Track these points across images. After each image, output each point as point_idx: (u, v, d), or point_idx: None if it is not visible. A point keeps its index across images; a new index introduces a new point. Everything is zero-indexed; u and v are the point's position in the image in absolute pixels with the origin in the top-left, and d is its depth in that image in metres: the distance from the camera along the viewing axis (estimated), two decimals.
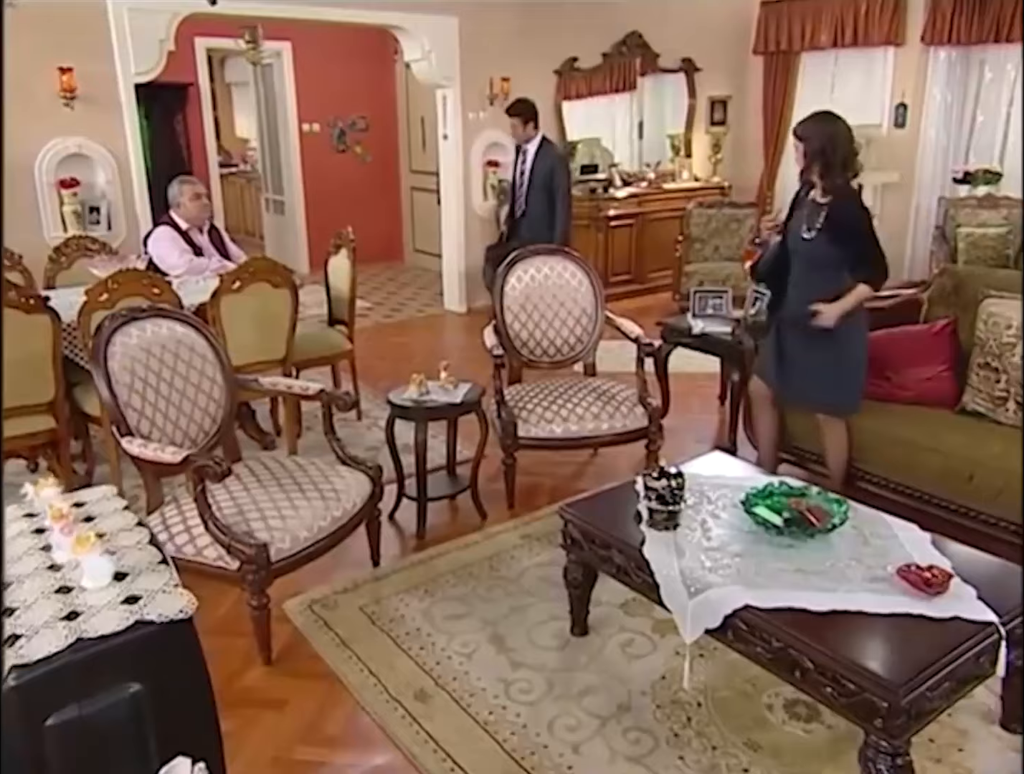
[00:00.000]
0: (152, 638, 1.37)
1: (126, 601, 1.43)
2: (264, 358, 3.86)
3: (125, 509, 1.76)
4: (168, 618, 1.42)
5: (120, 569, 1.52)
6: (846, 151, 2.99)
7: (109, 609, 1.41)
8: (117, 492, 1.84)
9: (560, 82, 7.19)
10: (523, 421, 3.43)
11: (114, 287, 3.36)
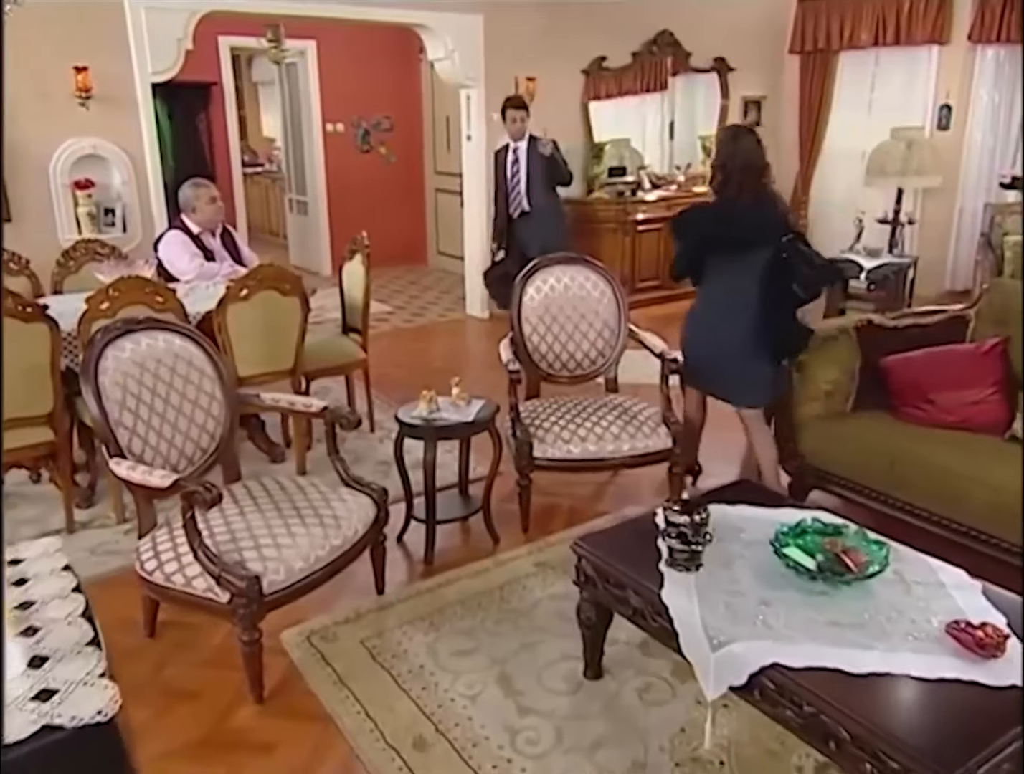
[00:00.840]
0: (63, 746, 1.16)
1: (37, 697, 1.24)
2: (272, 368, 3.72)
3: (65, 570, 1.59)
4: (82, 722, 1.20)
5: (39, 652, 1.33)
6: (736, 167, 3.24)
7: (15, 709, 1.21)
8: (58, 548, 1.67)
9: (588, 82, 6.99)
10: (539, 440, 3.25)
11: (115, 295, 3.24)
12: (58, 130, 4.98)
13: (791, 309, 3.35)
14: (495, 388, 5.08)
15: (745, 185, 3.23)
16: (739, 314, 3.29)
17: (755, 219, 3.26)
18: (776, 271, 3.25)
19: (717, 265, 3.37)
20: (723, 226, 3.28)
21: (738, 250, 3.29)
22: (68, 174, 5.05)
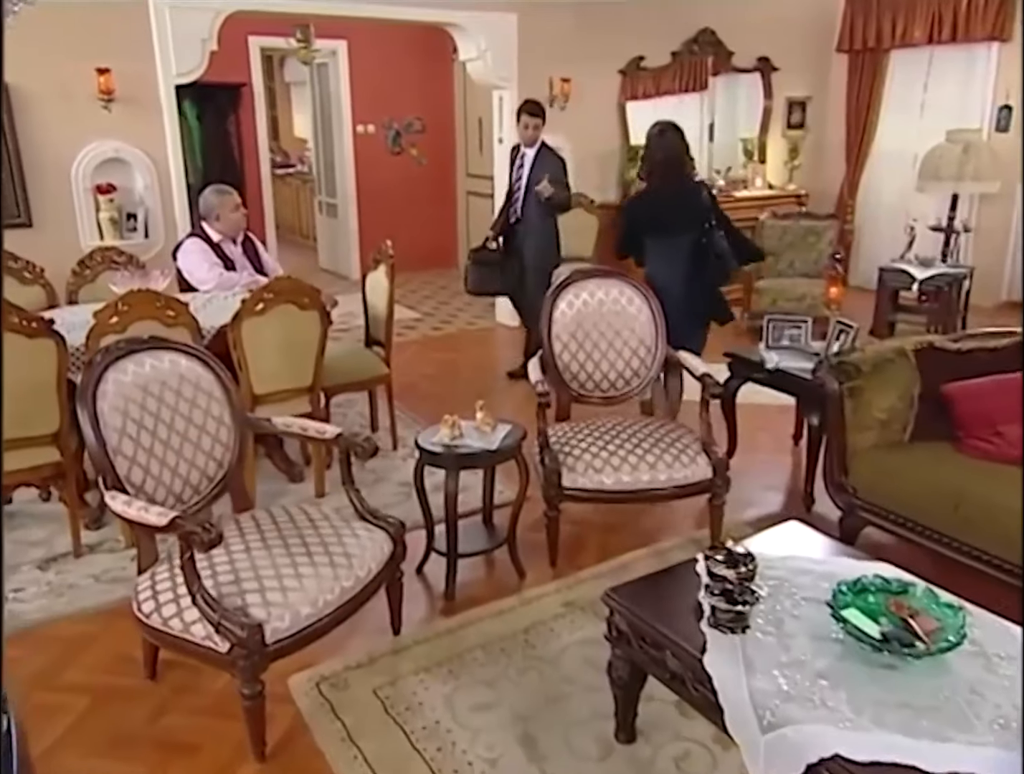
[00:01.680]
0: None
1: None
2: (290, 386, 3.54)
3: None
4: None
5: None
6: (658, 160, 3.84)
7: None
8: None
9: (624, 82, 6.74)
10: (568, 469, 3.03)
11: (125, 309, 3.08)
12: (80, 133, 4.87)
13: (711, 284, 3.92)
14: (524, 403, 4.88)
15: (668, 175, 3.81)
16: (670, 289, 3.71)
17: (678, 207, 3.82)
18: (699, 252, 3.83)
19: (652, 245, 3.95)
20: (652, 213, 3.85)
21: (666, 233, 3.84)
22: (90, 178, 4.94)
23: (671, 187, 3.80)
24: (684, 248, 3.81)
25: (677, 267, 3.82)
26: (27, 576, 3.08)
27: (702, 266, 3.83)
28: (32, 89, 4.68)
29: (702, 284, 3.87)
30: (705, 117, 7.69)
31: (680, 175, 3.82)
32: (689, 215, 3.81)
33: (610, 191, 6.85)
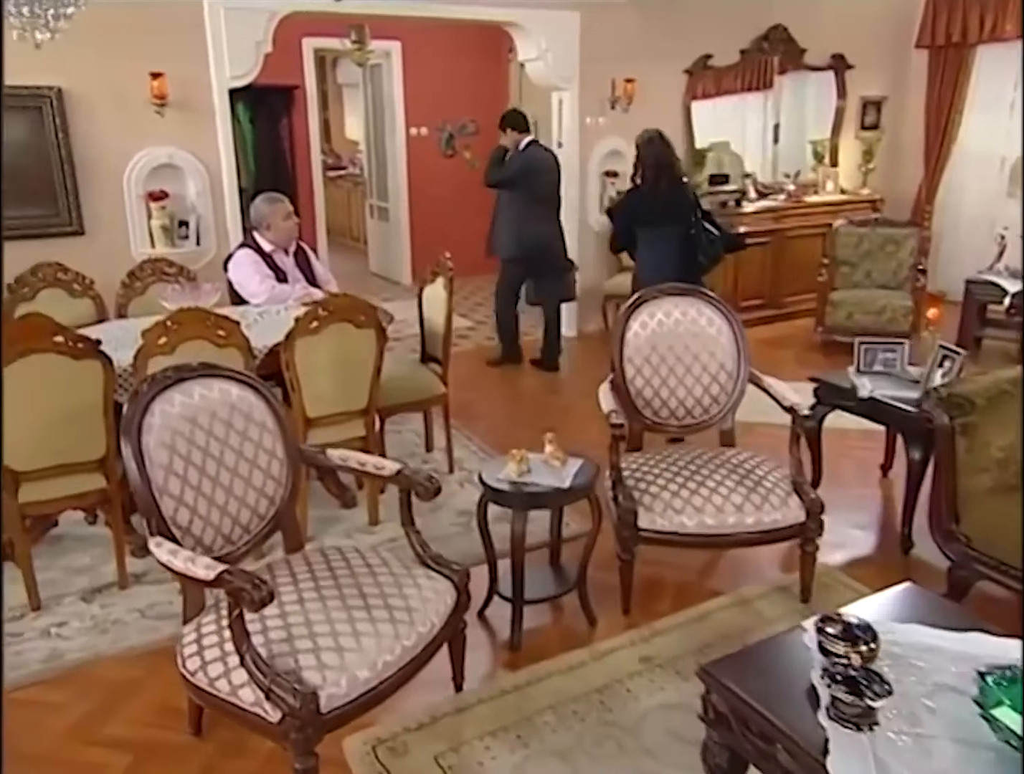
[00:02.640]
0: None
1: None
2: (344, 408, 3.34)
3: None
4: None
5: None
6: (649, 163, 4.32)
7: None
8: None
9: (690, 82, 6.43)
10: (645, 508, 2.77)
11: (174, 329, 2.91)
12: (133, 138, 4.75)
13: (698, 271, 4.27)
14: (587, 424, 4.64)
15: (658, 176, 4.30)
16: (662, 274, 3.92)
17: (669, 203, 4.31)
18: (686, 242, 4.29)
19: (645, 238, 4.38)
20: (646, 208, 4.33)
21: (657, 225, 4.31)
22: (143, 185, 4.82)
23: (660, 186, 4.32)
24: (673, 238, 4.30)
25: (667, 255, 4.28)
26: (71, 608, 2.93)
27: (690, 254, 4.31)
28: (85, 94, 4.57)
29: (689, 271, 4.21)
30: (769, 118, 7.34)
31: (669, 176, 4.34)
32: (677, 209, 4.33)
33: None
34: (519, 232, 5.37)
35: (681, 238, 4.29)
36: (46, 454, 2.83)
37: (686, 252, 4.29)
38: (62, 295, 3.75)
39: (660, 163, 4.31)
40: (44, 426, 2.79)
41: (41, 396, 2.77)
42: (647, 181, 4.33)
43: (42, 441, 2.81)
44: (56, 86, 4.47)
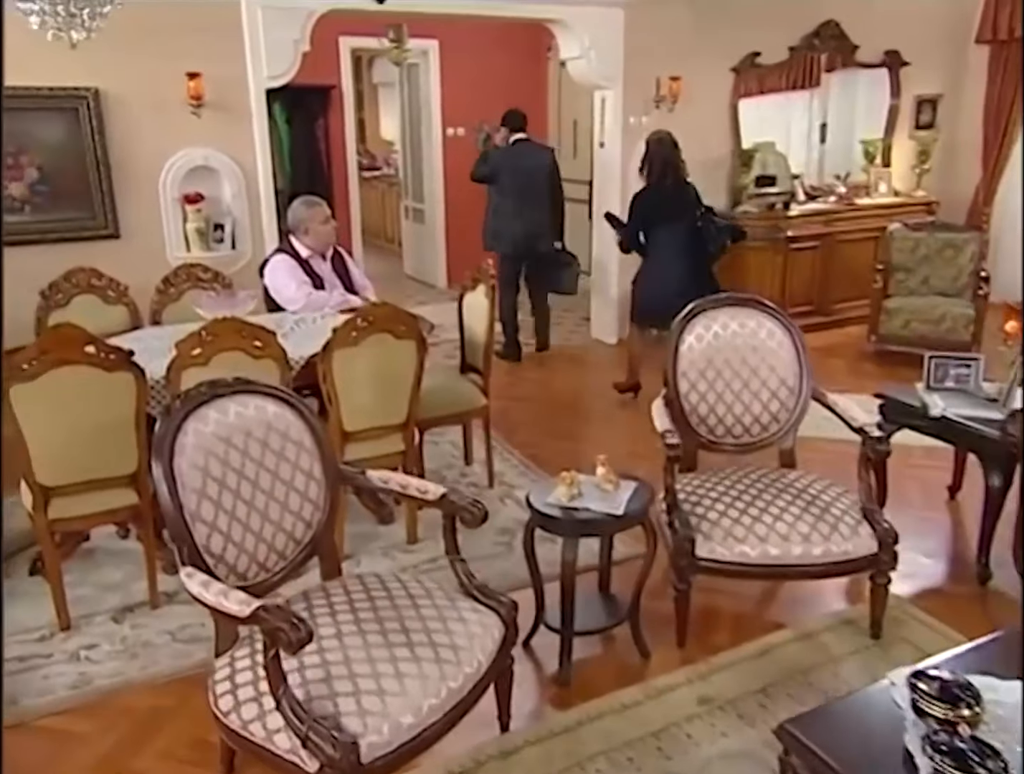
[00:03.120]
0: None
1: None
2: (382, 422, 3.20)
3: None
4: None
5: None
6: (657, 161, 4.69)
7: None
8: None
9: (737, 81, 6.22)
10: (704, 536, 2.59)
11: (209, 340, 2.79)
12: (170, 140, 4.68)
13: (706, 261, 4.67)
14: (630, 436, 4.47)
15: (665, 175, 4.67)
16: (673, 267, 4.56)
17: (677, 200, 4.67)
18: (694, 235, 4.61)
19: (655, 235, 4.70)
20: (656, 206, 4.66)
21: (667, 222, 4.64)
22: (178, 187, 4.74)
23: (666, 184, 4.67)
24: (682, 232, 4.62)
25: (677, 249, 4.61)
26: (101, 629, 2.83)
27: (698, 246, 4.62)
28: (122, 95, 4.50)
29: (698, 261, 4.62)
30: (815, 117, 7.10)
31: (674, 175, 4.69)
32: (684, 205, 4.68)
33: (719, 198, 6.32)
34: (499, 226, 5.67)
35: (689, 232, 4.63)
36: (76, 469, 2.73)
37: (695, 243, 4.63)
38: (96, 302, 3.66)
39: (667, 163, 4.67)
40: (75, 440, 2.69)
41: (72, 409, 2.67)
42: (654, 179, 4.70)
43: (72, 455, 2.71)
44: (93, 87, 4.40)
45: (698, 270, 4.62)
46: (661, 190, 4.66)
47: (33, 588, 3.05)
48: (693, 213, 4.66)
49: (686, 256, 4.59)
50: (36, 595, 2.98)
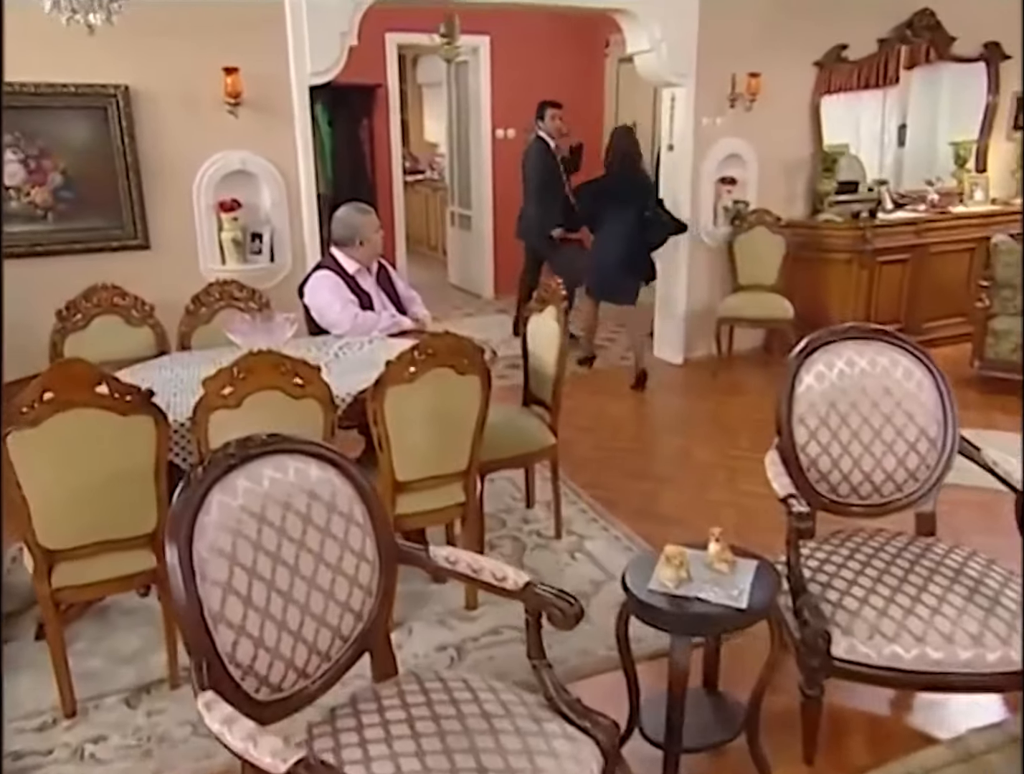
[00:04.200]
0: None
1: None
2: (440, 471, 2.75)
3: None
4: None
5: None
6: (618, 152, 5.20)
7: None
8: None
9: (820, 77, 5.68)
10: (842, 630, 2.09)
11: (241, 378, 2.36)
12: (205, 142, 4.29)
13: (648, 249, 5.15)
14: (709, 476, 4.02)
15: (623, 165, 5.11)
16: (619, 248, 5.05)
17: (629, 189, 5.06)
18: (640, 223, 5.01)
19: (605, 216, 5.12)
20: (609, 191, 5.07)
21: (617, 208, 5.01)
22: (213, 193, 4.35)
23: (625, 172, 5.13)
24: (630, 217, 5.01)
25: (624, 231, 5.03)
26: (112, 716, 2.41)
27: (643, 232, 5.04)
28: (153, 93, 4.12)
29: (641, 246, 5.10)
30: (889, 117, 6.52)
31: (631, 165, 5.17)
32: (636, 193, 5.08)
33: (797, 205, 5.80)
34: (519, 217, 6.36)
35: (636, 219, 5.02)
36: (86, 529, 2.31)
37: (639, 229, 5.04)
38: (118, 323, 3.27)
39: (626, 154, 5.14)
40: (83, 495, 2.28)
41: (80, 459, 2.26)
42: (613, 167, 5.15)
43: (81, 513, 2.30)
44: (122, 84, 4.02)
45: (638, 254, 5.14)
46: (616, 178, 5.12)
47: (39, 656, 2.63)
48: (643, 203, 5.05)
49: (629, 241, 5.03)
50: (41, 666, 2.56)
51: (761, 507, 3.66)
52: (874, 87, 6.27)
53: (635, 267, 5.13)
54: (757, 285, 5.45)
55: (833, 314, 5.58)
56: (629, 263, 5.08)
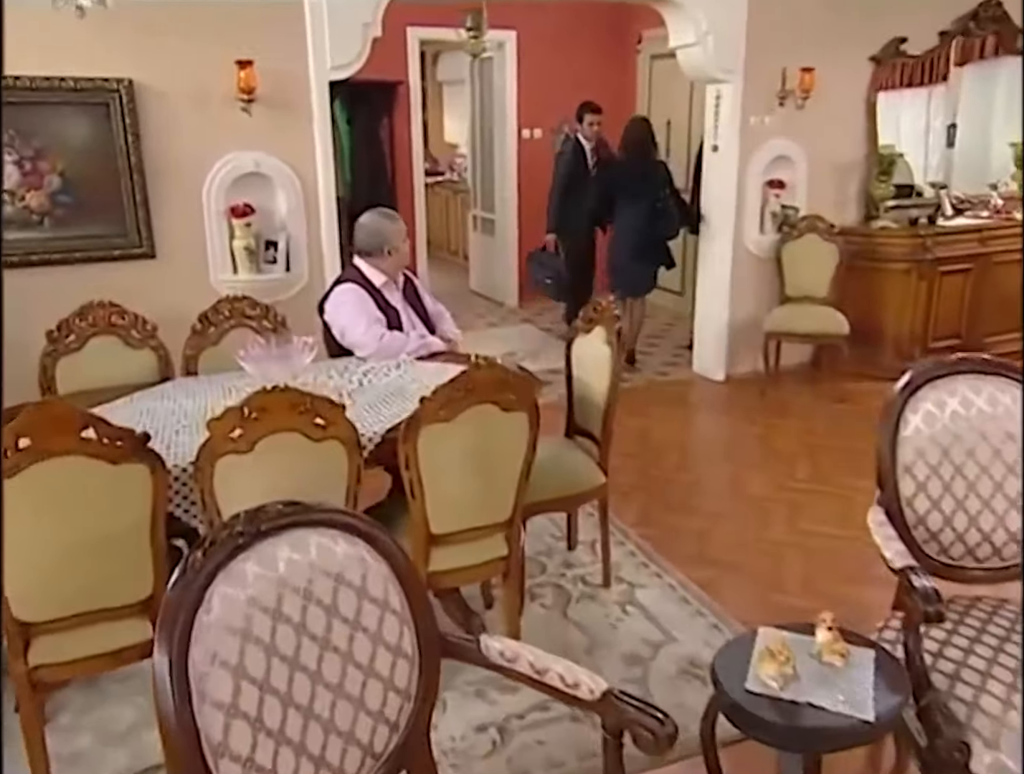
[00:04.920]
0: None
1: None
2: (482, 521, 2.38)
3: None
4: None
5: None
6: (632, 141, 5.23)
7: None
8: None
9: (877, 72, 5.28)
10: (984, 741, 1.70)
11: (253, 418, 2.00)
12: (215, 142, 3.95)
13: (663, 239, 5.23)
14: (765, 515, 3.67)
15: (636, 154, 5.15)
16: (632, 241, 5.15)
17: (643, 176, 5.10)
18: (654, 213, 5.06)
19: (620, 208, 5.21)
20: (624, 178, 5.17)
21: (632, 197, 5.10)
22: (224, 198, 4.00)
23: (639, 162, 5.12)
24: (644, 208, 5.04)
25: (636, 224, 5.10)
26: None
27: (656, 222, 5.07)
28: (160, 88, 3.78)
29: (655, 235, 5.14)
30: (936, 116, 6.09)
31: (648, 154, 5.15)
32: (650, 183, 5.06)
33: (848, 211, 5.40)
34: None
35: (651, 207, 5.05)
36: (69, 597, 1.97)
37: (653, 219, 5.06)
38: (116, 345, 2.91)
39: (641, 143, 5.14)
40: (67, 557, 1.93)
41: (64, 515, 1.91)
42: (627, 156, 5.20)
43: (64, 579, 1.95)
44: (126, 78, 3.69)
45: (655, 244, 5.19)
46: (630, 167, 5.15)
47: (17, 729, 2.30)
48: (657, 192, 5.05)
49: (641, 233, 5.09)
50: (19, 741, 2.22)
51: (829, 550, 3.30)
52: (920, 84, 5.86)
53: (649, 257, 5.25)
54: (806, 297, 5.06)
55: (888, 329, 5.20)
56: (642, 254, 5.19)
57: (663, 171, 5.21)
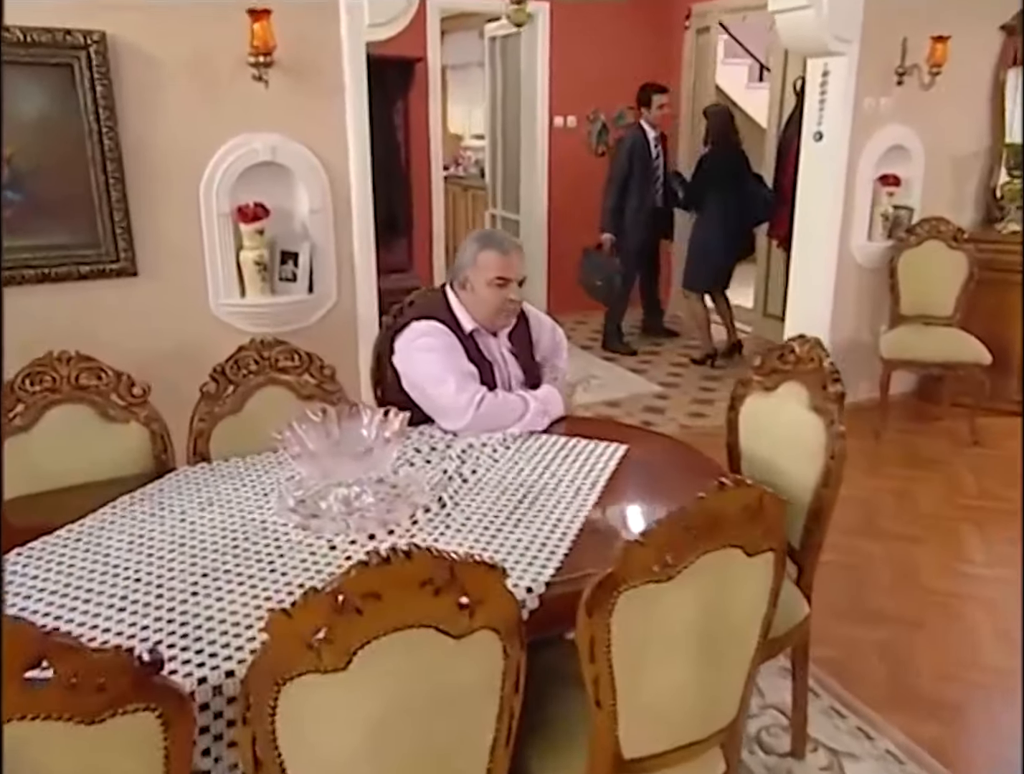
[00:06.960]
0: None
1: None
2: (699, 734, 1.46)
3: None
4: None
5: None
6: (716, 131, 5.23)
7: None
8: None
9: (1007, 45, 4.44)
10: None
11: (352, 614, 1.06)
12: (218, 121, 3.00)
13: (751, 226, 5.36)
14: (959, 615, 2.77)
15: (721, 143, 5.18)
16: (721, 233, 5.14)
17: (734, 164, 5.18)
18: (741, 201, 5.12)
19: (711, 197, 5.19)
20: (719, 167, 5.16)
21: (716, 190, 5.14)
22: (229, 196, 3.04)
23: (728, 150, 5.15)
24: (731, 199, 5.08)
25: (722, 215, 5.10)
26: None
27: (745, 210, 5.13)
28: (143, 45, 2.82)
29: (746, 220, 5.23)
30: None
31: (734, 143, 5.18)
32: (735, 173, 5.13)
33: (965, 212, 4.56)
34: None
35: (737, 198, 5.05)
36: None
37: (741, 209, 5.08)
38: (88, 417, 1.92)
39: (725, 133, 5.14)
40: None
41: None
42: (719, 146, 5.16)
43: None
44: (97, 31, 2.70)
45: (741, 233, 5.24)
46: (722, 156, 5.13)
47: None
48: (742, 181, 5.11)
49: (728, 224, 5.09)
50: None
51: None
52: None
53: (737, 249, 5.29)
54: (925, 316, 4.22)
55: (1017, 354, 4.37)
56: (732, 246, 5.21)
57: (746, 157, 5.25)
